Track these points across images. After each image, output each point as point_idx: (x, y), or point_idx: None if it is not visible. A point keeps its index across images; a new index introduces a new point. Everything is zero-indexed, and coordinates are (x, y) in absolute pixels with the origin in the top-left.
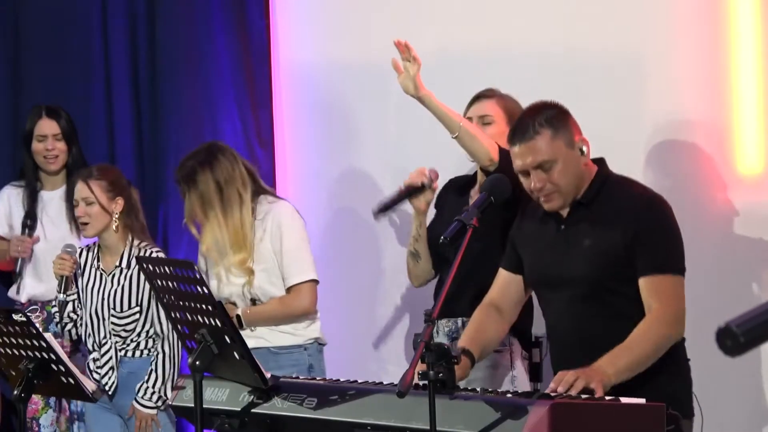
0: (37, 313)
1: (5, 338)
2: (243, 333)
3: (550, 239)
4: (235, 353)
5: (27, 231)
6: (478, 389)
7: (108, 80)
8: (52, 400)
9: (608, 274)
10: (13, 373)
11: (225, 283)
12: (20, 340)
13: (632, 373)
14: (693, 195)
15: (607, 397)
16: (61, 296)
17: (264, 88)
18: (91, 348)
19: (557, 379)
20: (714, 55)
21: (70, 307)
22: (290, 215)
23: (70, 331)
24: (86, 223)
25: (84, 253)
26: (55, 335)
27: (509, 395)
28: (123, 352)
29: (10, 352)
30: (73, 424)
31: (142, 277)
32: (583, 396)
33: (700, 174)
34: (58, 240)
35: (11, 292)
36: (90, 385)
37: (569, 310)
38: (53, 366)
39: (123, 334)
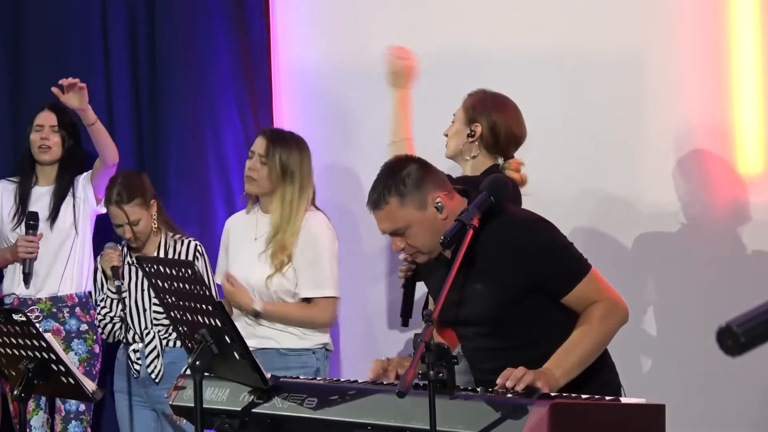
0: (37, 314)
1: (5, 338)
2: (252, 331)
3: (443, 278)
4: (235, 353)
5: (30, 231)
6: (479, 389)
7: (108, 80)
8: (42, 401)
9: (505, 311)
10: (13, 373)
11: (249, 269)
12: (20, 340)
13: (580, 370)
14: (693, 195)
15: (607, 397)
16: (117, 282)
17: (264, 88)
18: (132, 340)
19: (505, 375)
20: (714, 56)
21: (121, 305)
22: (324, 227)
23: (113, 332)
24: (137, 239)
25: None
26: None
27: (509, 395)
28: (165, 342)
29: (10, 352)
30: (68, 424)
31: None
32: (584, 396)
33: (700, 174)
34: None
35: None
36: (90, 385)
37: (477, 344)
38: (53, 366)
39: (165, 322)
